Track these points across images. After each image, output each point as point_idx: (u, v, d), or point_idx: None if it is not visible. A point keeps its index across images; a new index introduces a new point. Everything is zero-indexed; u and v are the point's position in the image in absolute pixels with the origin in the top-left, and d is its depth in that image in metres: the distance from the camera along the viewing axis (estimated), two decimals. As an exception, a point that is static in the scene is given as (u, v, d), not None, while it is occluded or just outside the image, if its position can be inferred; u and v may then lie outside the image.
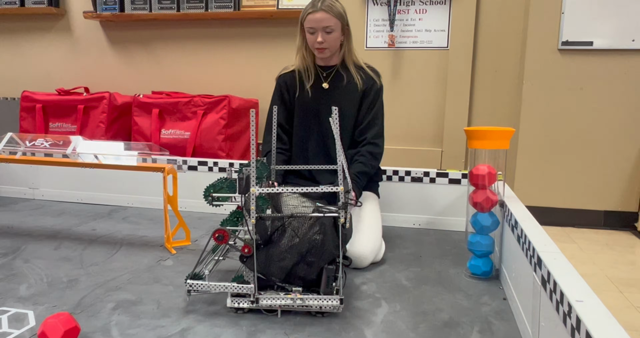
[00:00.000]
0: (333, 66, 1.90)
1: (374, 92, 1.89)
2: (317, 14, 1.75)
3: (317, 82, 1.90)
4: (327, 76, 1.90)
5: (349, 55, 1.87)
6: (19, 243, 1.90)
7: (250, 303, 1.32)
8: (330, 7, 1.76)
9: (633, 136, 2.62)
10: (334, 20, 1.76)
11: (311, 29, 1.77)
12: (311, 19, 1.76)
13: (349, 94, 1.88)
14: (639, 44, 2.55)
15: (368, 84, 1.89)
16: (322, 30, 1.76)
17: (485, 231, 1.63)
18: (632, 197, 2.65)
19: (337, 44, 1.83)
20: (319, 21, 1.75)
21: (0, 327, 1.24)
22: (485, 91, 2.99)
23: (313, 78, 1.90)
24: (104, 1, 3.28)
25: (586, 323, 0.80)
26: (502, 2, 2.90)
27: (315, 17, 1.75)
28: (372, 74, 1.90)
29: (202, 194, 1.56)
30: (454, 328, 1.28)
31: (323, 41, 1.76)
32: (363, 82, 1.88)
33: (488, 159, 1.66)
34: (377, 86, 1.91)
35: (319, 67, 1.91)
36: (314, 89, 1.90)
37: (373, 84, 1.89)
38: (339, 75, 1.89)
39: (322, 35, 1.76)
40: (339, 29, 1.79)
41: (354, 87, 1.88)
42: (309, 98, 1.90)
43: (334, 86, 1.89)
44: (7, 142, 2.00)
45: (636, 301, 1.73)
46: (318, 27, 1.76)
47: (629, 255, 2.24)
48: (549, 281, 1.04)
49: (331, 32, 1.77)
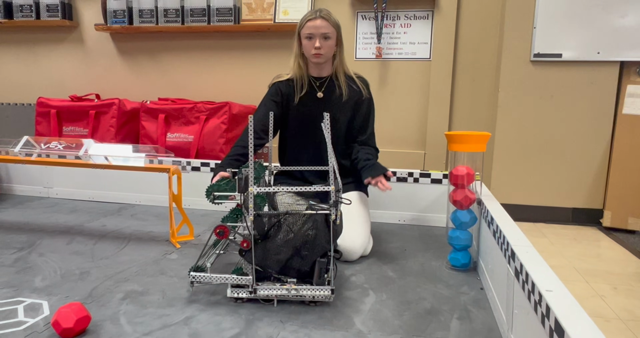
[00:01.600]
0: (326, 76, 1.88)
1: (366, 105, 1.90)
2: (316, 20, 1.75)
3: (311, 92, 1.88)
4: (321, 86, 1.88)
5: (340, 66, 1.86)
6: (35, 238, 1.89)
7: (249, 294, 1.32)
8: (328, 15, 1.77)
9: (598, 140, 2.63)
10: (331, 28, 1.76)
11: (310, 34, 1.76)
12: (310, 25, 1.75)
13: (341, 103, 1.87)
14: (604, 56, 2.57)
15: (359, 95, 1.88)
16: (320, 36, 1.75)
17: (464, 226, 1.63)
18: (597, 195, 2.66)
19: (331, 52, 1.81)
20: (318, 27, 1.74)
21: (17, 316, 1.23)
22: (464, 99, 3.00)
23: (307, 87, 1.87)
24: (114, 14, 3.26)
25: (555, 311, 0.80)
26: (479, 18, 2.91)
27: (315, 23, 1.75)
28: (361, 85, 1.89)
29: (205, 193, 1.56)
30: (436, 316, 1.29)
31: (320, 46, 1.75)
32: (354, 92, 1.88)
33: (467, 161, 1.67)
34: (368, 97, 1.90)
35: (312, 77, 1.89)
36: (309, 98, 1.87)
37: (364, 95, 1.88)
38: (331, 85, 1.87)
39: (320, 41, 1.75)
40: (334, 38, 1.79)
41: (346, 97, 1.86)
42: (305, 107, 1.87)
43: (327, 96, 1.87)
44: (24, 144, 1.98)
45: (601, 290, 1.74)
46: (317, 33, 1.75)
47: (594, 249, 2.26)
48: (522, 273, 1.04)
49: (328, 39, 1.76)
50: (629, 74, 2.59)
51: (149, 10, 3.20)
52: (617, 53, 2.56)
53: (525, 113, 2.70)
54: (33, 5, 3.38)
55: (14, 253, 1.71)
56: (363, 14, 3.05)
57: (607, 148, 2.63)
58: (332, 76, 1.88)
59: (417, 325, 1.23)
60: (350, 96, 1.87)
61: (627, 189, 2.55)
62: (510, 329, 1.12)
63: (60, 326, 1.11)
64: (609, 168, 2.63)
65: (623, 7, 2.52)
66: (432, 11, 2.96)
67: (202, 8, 3.12)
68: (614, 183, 2.59)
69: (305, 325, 1.22)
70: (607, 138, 2.62)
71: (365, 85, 1.91)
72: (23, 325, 1.18)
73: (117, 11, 3.25)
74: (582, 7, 2.56)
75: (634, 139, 2.55)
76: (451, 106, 3.01)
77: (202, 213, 2.35)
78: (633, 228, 2.53)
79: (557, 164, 2.69)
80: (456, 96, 3.01)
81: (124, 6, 3.23)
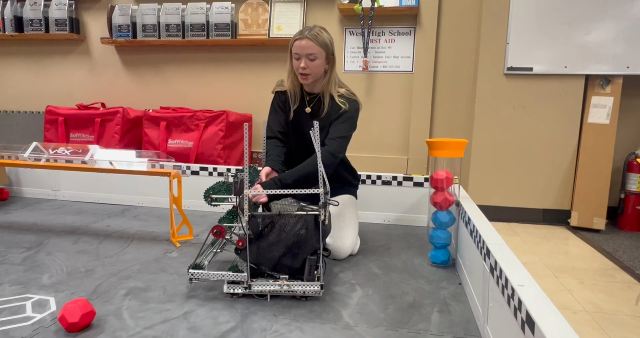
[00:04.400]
0: (317, 92, 1.79)
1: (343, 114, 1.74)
2: (302, 41, 1.63)
3: (301, 106, 1.81)
4: (310, 101, 1.79)
5: (328, 84, 1.74)
6: (42, 238, 1.86)
7: (244, 289, 1.31)
8: (315, 36, 1.64)
9: (566, 146, 2.66)
10: (317, 48, 1.64)
11: (296, 54, 1.67)
12: (297, 45, 1.65)
13: (326, 120, 1.77)
14: (571, 70, 2.61)
15: (338, 112, 1.75)
16: (305, 57, 1.65)
17: (444, 226, 1.64)
18: (565, 197, 2.69)
19: (319, 71, 1.70)
20: (303, 48, 1.63)
21: (25, 312, 1.21)
22: (443, 108, 3.02)
23: (299, 102, 1.80)
24: (119, 29, 3.25)
25: (526, 304, 0.81)
26: (457, 34, 2.94)
27: (301, 44, 1.64)
28: (343, 103, 1.74)
29: (203, 195, 1.55)
30: (418, 309, 1.29)
31: (306, 67, 1.65)
32: (334, 111, 1.75)
33: (446, 165, 1.67)
34: (347, 109, 1.74)
35: (305, 91, 1.80)
36: (299, 112, 1.81)
37: (342, 110, 1.74)
38: (319, 102, 1.78)
39: (305, 62, 1.65)
40: (322, 57, 1.67)
41: (328, 115, 1.76)
42: (295, 119, 1.81)
43: (314, 111, 1.79)
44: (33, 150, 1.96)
45: (568, 284, 1.76)
46: (302, 54, 1.64)
47: (563, 246, 2.28)
48: (496, 269, 1.04)
49: (314, 60, 1.65)
50: (593, 86, 2.63)
51: (152, 25, 3.19)
52: (582, 67, 2.59)
53: (500, 122, 2.72)
54: (42, 19, 3.36)
55: (23, 252, 1.68)
56: (351, 30, 3.06)
57: (574, 154, 2.66)
58: (321, 94, 1.78)
59: (401, 318, 1.23)
60: (332, 112, 1.75)
61: (592, 191, 2.58)
62: (486, 321, 1.13)
63: (66, 321, 1.10)
64: (575, 172, 2.65)
65: (587, 25, 2.56)
66: (415, 28, 2.98)
67: (202, 23, 3.12)
68: (581, 186, 2.62)
69: (297, 318, 1.22)
70: (574, 145, 2.65)
71: (347, 102, 1.75)
72: (31, 320, 1.17)
73: (122, 26, 3.23)
74: (551, 25, 2.60)
75: (598, 146, 2.58)
76: (432, 115, 3.03)
77: (201, 214, 2.33)
78: (598, 227, 2.55)
79: (528, 168, 2.71)
80: (436, 106, 3.03)
81: (128, 21, 3.22)
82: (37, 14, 3.35)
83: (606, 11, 2.53)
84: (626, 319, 1.47)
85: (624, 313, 1.51)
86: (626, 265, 1.98)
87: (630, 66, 2.54)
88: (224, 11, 3.08)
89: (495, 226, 1.36)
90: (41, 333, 1.11)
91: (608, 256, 2.11)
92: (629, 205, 2.60)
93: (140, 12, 3.19)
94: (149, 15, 3.18)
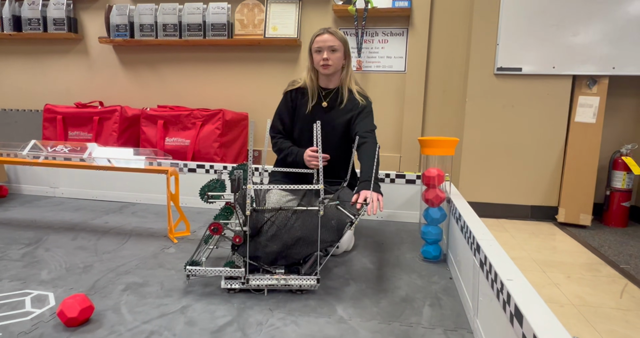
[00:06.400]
0: (332, 88, 1.87)
1: (365, 109, 1.85)
2: (324, 35, 1.76)
3: (318, 101, 1.88)
4: (326, 96, 1.87)
5: (346, 78, 1.85)
6: (41, 235, 1.85)
7: (241, 284, 1.31)
8: (335, 31, 1.78)
9: (553, 144, 2.68)
10: (338, 42, 1.77)
11: (319, 48, 1.77)
12: (319, 39, 1.77)
13: (341, 113, 1.85)
14: (559, 70, 2.62)
15: (357, 106, 1.85)
16: (327, 49, 1.76)
17: (435, 222, 1.64)
18: (553, 194, 2.71)
19: (339, 64, 1.81)
20: (325, 41, 1.75)
21: (25, 307, 1.20)
22: (435, 107, 3.03)
23: (316, 98, 1.87)
24: (116, 28, 3.22)
25: (515, 298, 0.81)
26: (449, 35, 2.94)
27: (323, 37, 1.76)
28: (359, 98, 1.86)
29: (199, 193, 1.54)
30: (410, 303, 1.29)
31: (328, 58, 1.75)
32: (353, 104, 1.85)
33: (437, 163, 1.68)
34: (365, 104, 1.86)
35: (321, 87, 1.88)
36: (314, 106, 1.87)
37: (360, 105, 1.85)
38: (336, 96, 1.87)
39: (328, 53, 1.76)
40: (342, 50, 1.79)
41: (346, 108, 1.85)
42: (310, 113, 1.87)
43: (331, 105, 1.86)
44: (32, 148, 1.95)
45: (555, 279, 1.77)
46: (324, 46, 1.75)
47: (550, 242, 2.29)
48: (486, 264, 1.05)
49: (335, 52, 1.77)
50: (580, 86, 2.64)
51: (149, 25, 3.17)
52: (570, 68, 2.61)
53: (490, 121, 2.73)
54: (41, 19, 3.32)
55: (22, 249, 1.67)
56: (345, 31, 3.06)
57: (561, 152, 2.67)
58: (339, 87, 1.87)
59: (393, 312, 1.24)
60: (350, 106, 1.85)
61: (579, 188, 2.60)
62: (476, 314, 1.13)
63: (65, 316, 1.09)
64: (563, 170, 2.67)
65: (575, 27, 2.57)
66: (407, 29, 2.98)
67: (198, 23, 3.10)
68: (568, 183, 2.63)
69: (292, 312, 1.22)
70: (562, 143, 2.67)
71: (364, 98, 1.87)
72: (30, 315, 1.16)
73: (119, 25, 3.21)
74: (540, 26, 2.61)
75: (584, 144, 2.60)
76: (424, 114, 3.03)
77: (198, 210, 2.33)
78: (584, 223, 2.57)
79: (517, 166, 2.73)
80: (428, 105, 3.03)
81: (126, 21, 3.19)
82: (35, 13, 3.32)
83: (593, 13, 2.55)
84: (611, 312, 1.48)
85: (609, 306, 1.52)
86: (611, 260, 2.00)
87: (616, 66, 2.56)
88: (220, 11, 3.07)
89: (485, 222, 1.36)
90: (40, 328, 1.10)
91: (594, 251, 2.13)
92: (614, 202, 2.62)
93: (138, 12, 3.17)
94: (146, 15, 3.16)
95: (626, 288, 1.68)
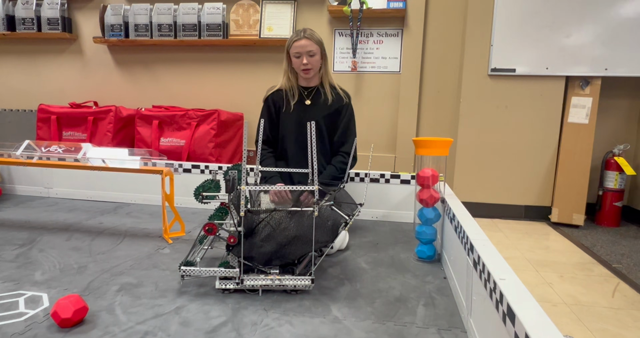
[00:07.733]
0: (313, 86, 1.94)
1: (346, 110, 1.94)
2: (301, 41, 1.80)
3: (300, 100, 1.94)
4: (309, 94, 1.94)
5: (325, 76, 1.93)
6: (35, 235, 1.84)
7: (236, 285, 1.31)
8: (311, 35, 1.83)
9: (547, 145, 2.70)
10: (315, 46, 1.82)
11: (297, 53, 1.82)
12: (297, 45, 1.81)
13: (326, 108, 1.92)
14: (552, 71, 2.64)
15: (341, 101, 1.94)
16: (306, 54, 1.81)
17: (430, 222, 1.65)
18: (546, 195, 2.72)
19: (318, 66, 1.88)
20: (303, 46, 1.80)
21: (18, 308, 1.20)
22: (430, 108, 3.04)
23: (297, 96, 1.93)
24: (111, 28, 3.21)
25: (507, 297, 0.82)
26: (443, 36, 2.95)
27: (301, 43, 1.80)
28: (342, 94, 1.96)
29: (193, 193, 1.54)
30: (404, 303, 1.30)
31: (308, 63, 1.82)
32: (337, 98, 1.94)
33: (432, 163, 1.68)
34: (348, 102, 1.96)
35: (301, 87, 1.95)
36: (298, 105, 1.93)
37: (344, 102, 1.94)
38: (318, 93, 1.94)
39: (307, 58, 1.81)
40: (319, 53, 1.85)
41: (329, 103, 1.92)
42: (294, 113, 1.92)
43: (314, 103, 1.93)
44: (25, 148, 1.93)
45: (549, 278, 1.78)
46: (303, 52, 1.81)
47: (543, 241, 2.31)
48: (479, 263, 1.05)
49: (314, 56, 1.83)
50: (573, 87, 2.66)
51: (144, 25, 3.16)
52: (563, 69, 2.62)
53: (484, 121, 2.74)
54: (35, 18, 3.30)
55: (16, 249, 1.66)
56: (340, 31, 3.06)
57: (554, 152, 2.69)
58: (319, 86, 1.94)
59: (387, 311, 1.24)
60: (333, 101, 1.93)
61: (572, 188, 2.62)
62: (470, 314, 1.14)
63: (59, 316, 1.08)
64: (556, 170, 2.69)
65: (568, 29, 2.59)
66: (402, 30, 2.99)
67: (194, 23, 3.09)
68: (561, 183, 2.65)
69: (287, 312, 1.22)
70: (555, 144, 2.69)
71: (346, 94, 1.97)
72: (24, 316, 1.15)
73: (114, 25, 3.20)
74: (533, 27, 2.62)
75: (577, 145, 2.62)
76: (418, 115, 3.04)
77: (193, 211, 2.32)
78: (577, 223, 2.59)
79: (511, 166, 2.74)
80: (423, 106, 3.04)
81: (120, 21, 3.18)
82: (30, 13, 3.30)
83: (585, 15, 2.57)
84: (603, 311, 1.49)
85: (601, 305, 1.53)
86: (603, 259, 2.02)
87: (609, 68, 2.57)
88: (215, 12, 3.06)
89: (479, 222, 1.37)
90: (34, 329, 1.09)
91: (586, 251, 2.14)
92: (606, 202, 2.64)
93: (133, 12, 3.16)
94: (141, 15, 3.15)
95: (618, 287, 1.70)
